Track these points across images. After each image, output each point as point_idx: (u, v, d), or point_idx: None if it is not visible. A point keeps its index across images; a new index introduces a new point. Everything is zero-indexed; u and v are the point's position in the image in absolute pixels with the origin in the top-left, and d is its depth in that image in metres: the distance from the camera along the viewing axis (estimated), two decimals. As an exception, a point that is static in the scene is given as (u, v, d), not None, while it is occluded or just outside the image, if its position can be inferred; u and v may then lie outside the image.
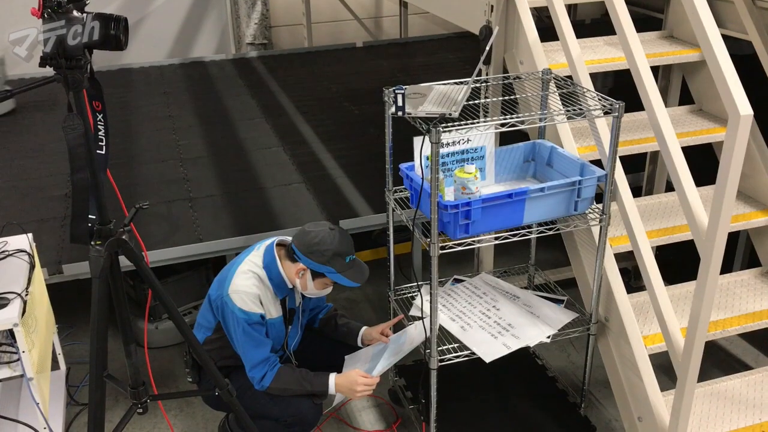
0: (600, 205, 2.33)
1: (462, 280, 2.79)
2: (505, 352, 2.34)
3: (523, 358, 2.85)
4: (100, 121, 1.73)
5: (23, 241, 2.58)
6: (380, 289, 3.58)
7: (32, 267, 2.48)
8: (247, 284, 2.26)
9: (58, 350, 2.91)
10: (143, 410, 1.82)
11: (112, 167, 1.89)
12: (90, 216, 1.67)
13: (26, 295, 2.29)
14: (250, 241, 2.61)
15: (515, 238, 2.25)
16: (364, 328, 2.57)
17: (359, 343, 2.56)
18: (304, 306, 2.50)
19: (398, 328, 2.54)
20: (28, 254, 2.52)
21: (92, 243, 1.67)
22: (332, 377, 2.32)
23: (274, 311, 2.34)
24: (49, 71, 1.55)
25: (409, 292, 2.72)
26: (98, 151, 1.71)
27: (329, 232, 2.25)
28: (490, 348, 2.35)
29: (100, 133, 1.74)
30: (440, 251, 2.14)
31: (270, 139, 4.12)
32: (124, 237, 1.60)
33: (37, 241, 2.68)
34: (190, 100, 4.80)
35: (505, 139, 2.74)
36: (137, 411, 1.82)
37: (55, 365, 2.90)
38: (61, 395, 2.82)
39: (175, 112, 4.58)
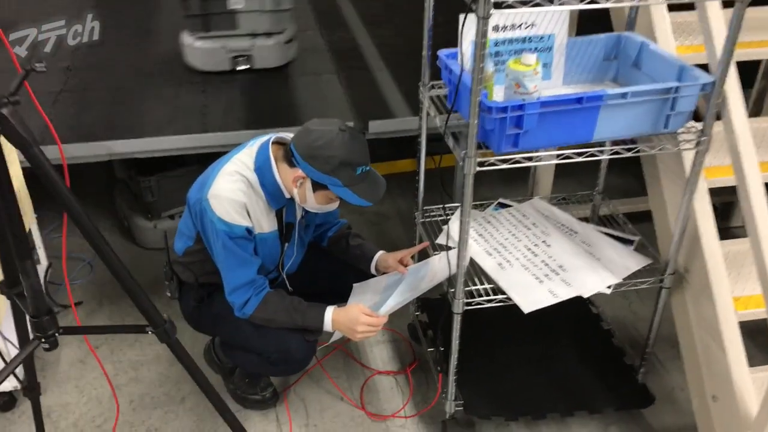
0: (698, 124, 1.75)
1: (508, 206, 2.27)
2: (550, 301, 1.84)
3: (573, 302, 2.32)
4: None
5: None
6: (416, 205, 3.10)
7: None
8: (231, 188, 1.80)
9: (39, 243, 2.56)
10: (50, 346, 1.42)
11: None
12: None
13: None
14: (260, 137, 2.15)
15: (580, 159, 1.70)
16: (380, 252, 2.10)
17: (373, 271, 2.10)
18: (308, 220, 2.04)
19: (423, 257, 2.07)
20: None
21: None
22: (329, 311, 1.88)
23: (266, 224, 1.89)
24: None
25: (441, 215, 2.23)
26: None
27: (338, 133, 1.75)
28: (531, 295, 1.86)
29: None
30: (478, 168, 1.63)
31: (306, 20, 3.56)
32: (3, 111, 1.13)
33: None
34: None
35: (582, 28, 2.14)
36: (43, 347, 1.41)
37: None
38: (38, 294, 2.48)
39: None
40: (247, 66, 2.97)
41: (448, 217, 2.21)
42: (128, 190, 2.99)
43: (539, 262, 1.98)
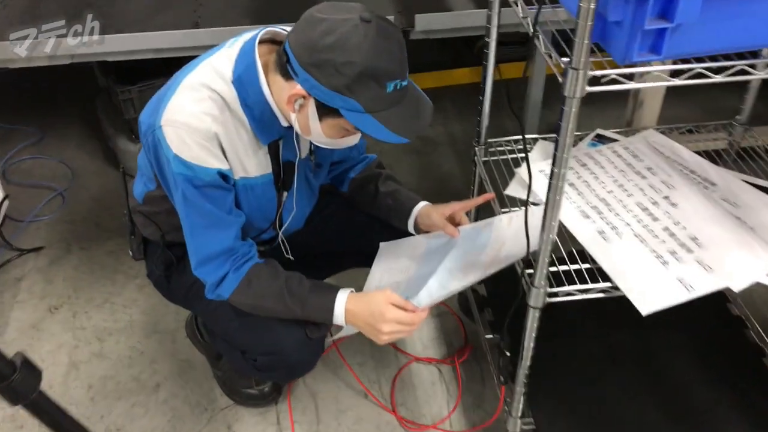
0: None
1: (612, 140, 1.59)
2: (682, 297, 1.20)
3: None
4: None
5: None
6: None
7: None
8: (193, 111, 1.18)
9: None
10: None
11: None
12: None
13: None
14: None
15: (757, 75, 1.01)
16: (422, 203, 1.47)
17: (411, 229, 1.48)
18: (320, 157, 1.41)
19: (484, 216, 1.44)
20: None
21: None
22: (342, 298, 1.27)
23: (251, 165, 1.27)
24: None
25: (512, 148, 1.57)
26: None
27: (359, 24, 1.09)
28: (652, 285, 1.21)
29: None
30: (588, 88, 0.96)
31: None
32: None
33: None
34: None
35: None
36: None
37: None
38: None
39: None
40: None
41: (521, 155, 1.56)
42: (111, 104, 2.40)
43: (661, 231, 1.32)
